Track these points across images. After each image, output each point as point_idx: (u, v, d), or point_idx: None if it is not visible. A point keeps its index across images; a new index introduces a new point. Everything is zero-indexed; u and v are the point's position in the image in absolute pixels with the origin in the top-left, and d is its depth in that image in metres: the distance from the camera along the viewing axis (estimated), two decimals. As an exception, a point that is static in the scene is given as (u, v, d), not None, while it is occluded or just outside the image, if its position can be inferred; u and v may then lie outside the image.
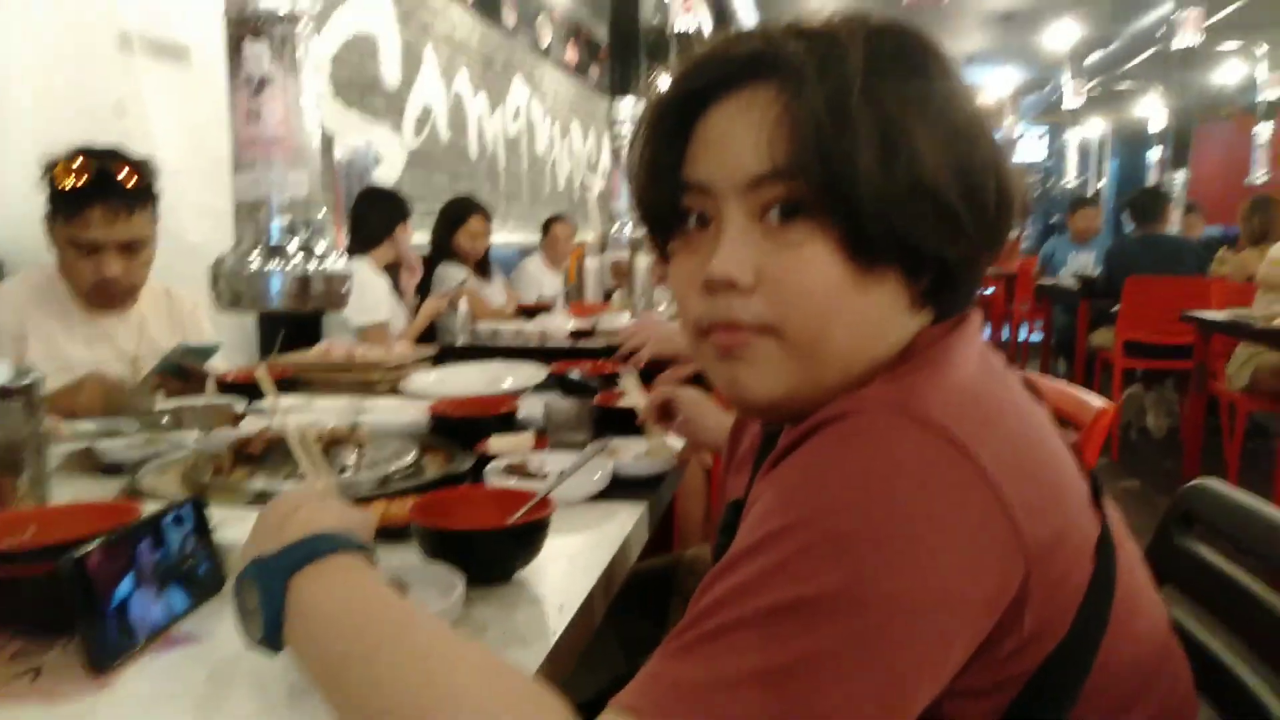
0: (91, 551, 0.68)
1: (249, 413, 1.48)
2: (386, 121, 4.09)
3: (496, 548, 0.84)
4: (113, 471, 1.24)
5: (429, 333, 3.31)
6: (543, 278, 4.63)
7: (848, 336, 0.58)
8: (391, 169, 4.13)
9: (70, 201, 1.60)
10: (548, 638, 0.76)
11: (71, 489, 1.16)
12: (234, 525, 0.85)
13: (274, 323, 2.77)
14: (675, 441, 1.30)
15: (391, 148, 4.15)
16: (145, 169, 1.67)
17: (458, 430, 1.33)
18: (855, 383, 0.58)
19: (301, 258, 1.07)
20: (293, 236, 1.08)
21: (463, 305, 2.91)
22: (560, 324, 3.01)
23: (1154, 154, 11.40)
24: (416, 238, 3.49)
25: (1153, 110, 11.15)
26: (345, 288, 1.15)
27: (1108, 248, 5.17)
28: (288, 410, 0.77)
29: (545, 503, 0.88)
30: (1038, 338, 6.56)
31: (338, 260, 1.12)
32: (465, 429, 1.33)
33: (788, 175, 0.56)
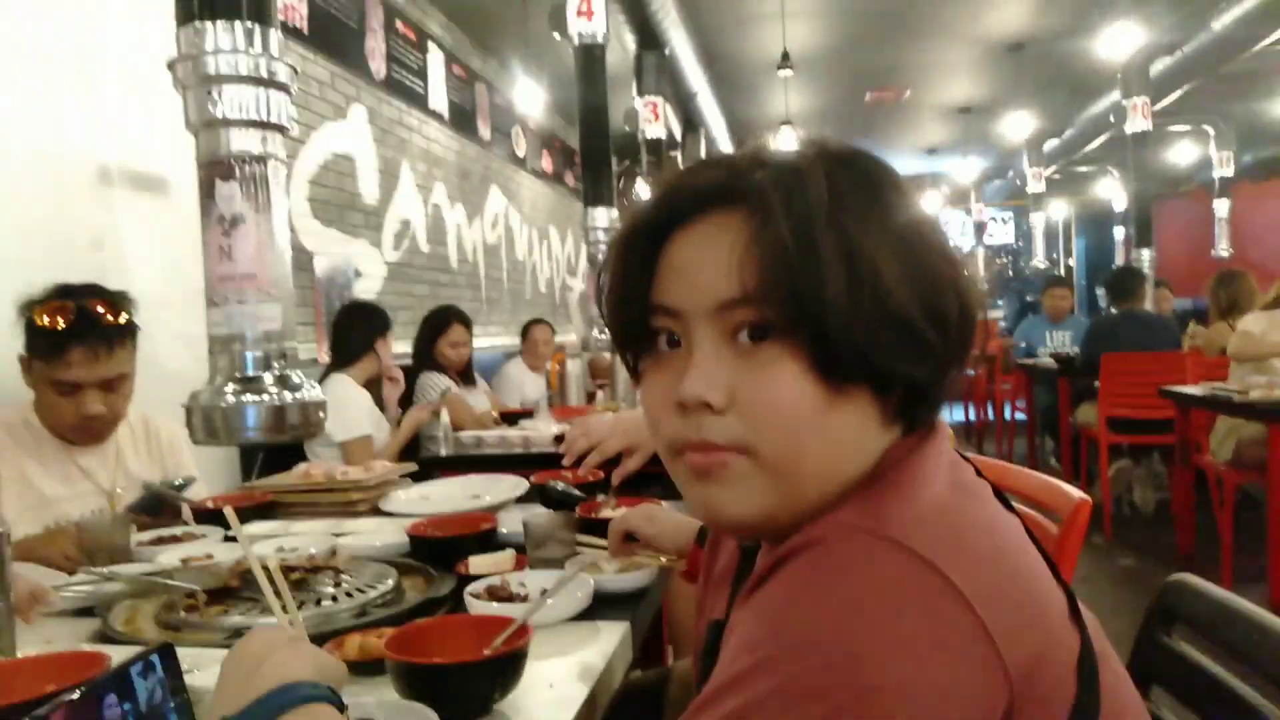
0: (56, 712, 0.66)
1: (226, 540, 1.46)
2: (366, 237, 4.17)
3: (472, 681, 0.82)
4: (85, 613, 1.21)
5: (413, 443, 3.30)
6: (524, 381, 4.65)
7: (822, 454, 0.58)
8: (372, 282, 4.19)
9: (50, 343, 1.59)
10: (529, 775, 0.74)
11: (42, 631, 1.13)
12: (209, 667, 0.83)
13: (254, 445, 2.76)
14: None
15: (371, 261, 4.21)
16: (124, 303, 1.68)
17: (437, 551, 1.32)
18: (829, 502, 0.58)
19: (276, 389, 1.08)
20: (267, 368, 1.09)
21: (444, 415, 2.91)
22: (544, 429, 3.01)
23: (1119, 232, 11.74)
24: (399, 347, 3.51)
25: (1113, 191, 11.53)
26: (321, 415, 1.16)
27: (1088, 325, 5.27)
28: (257, 541, 0.76)
29: (523, 630, 0.87)
30: (1022, 416, 6.59)
31: (313, 389, 1.12)
32: (445, 549, 1.31)
33: (757, 300, 0.57)
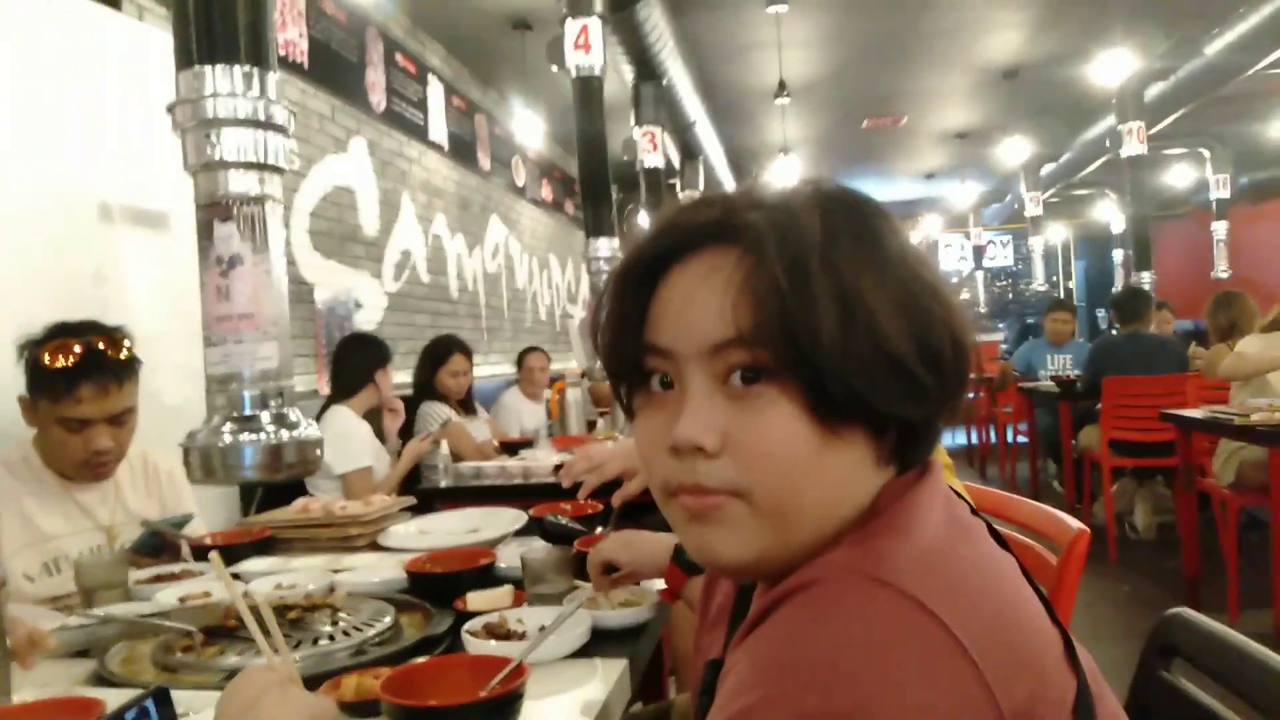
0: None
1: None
2: (366, 268, 4.20)
3: (470, 723, 0.82)
4: (81, 655, 1.21)
5: (413, 474, 3.30)
6: (522, 410, 4.64)
7: (817, 496, 0.58)
8: (373, 313, 4.21)
9: (60, 381, 1.60)
10: (525, 818, 0.73)
11: (38, 675, 1.12)
12: (206, 709, 0.83)
13: (252, 483, 2.76)
14: (656, 586, 1.29)
15: (372, 292, 4.23)
16: (126, 338, 1.69)
17: (435, 587, 1.32)
18: (825, 542, 0.58)
19: (274, 428, 1.08)
20: (264, 407, 1.09)
21: (444, 445, 2.91)
22: (544, 459, 3.01)
23: (1118, 255, 11.76)
24: (399, 378, 3.52)
25: (1111, 213, 11.58)
26: (318, 453, 1.16)
27: (1092, 347, 5.27)
28: (254, 578, 0.76)
29: (520, 670, 0.87)
30: (1024, 439, 6.58)
31: (309, 427, 1.13)
32: (443, 585, 1.31)
33: (751, 342, 0.57)
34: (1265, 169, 10.15)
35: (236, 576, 1.48)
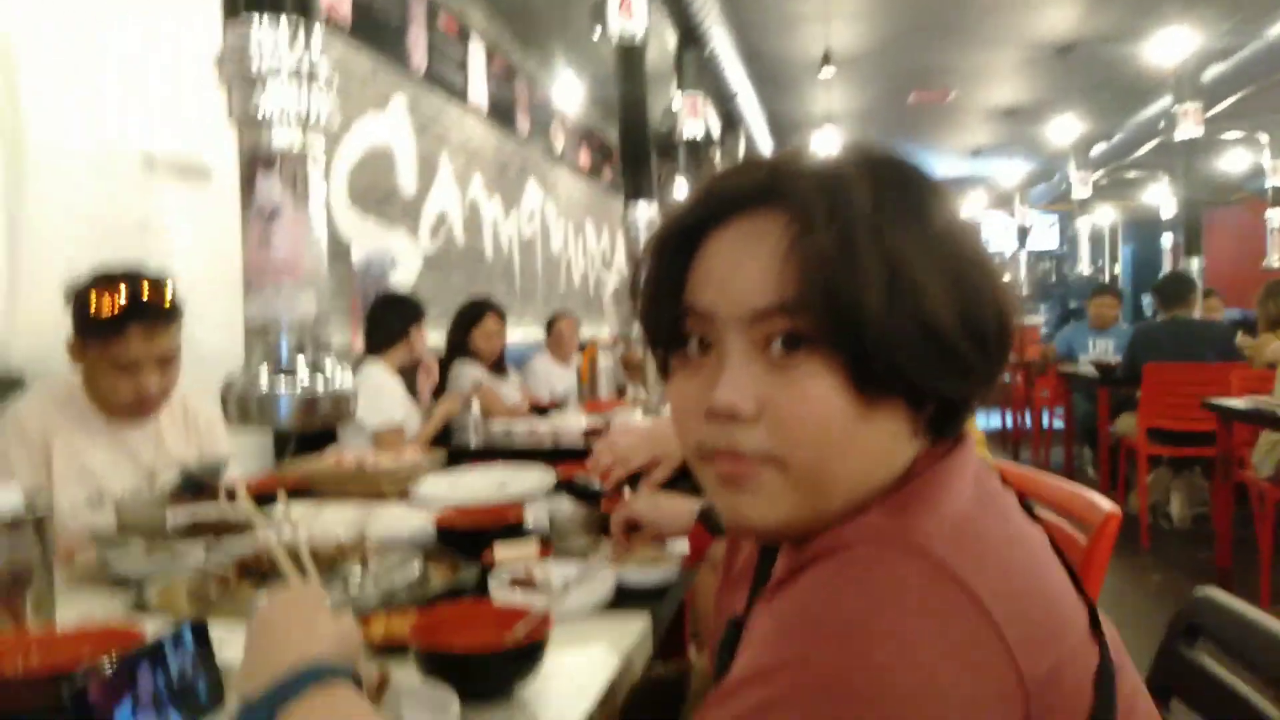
0: (92, 680, 0.68)
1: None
2: (403, 227, 4.22)
3: (493, 669, 0.83)
4: (120, 584, 1.25)
5: (444, 433, 3.34)
6: (551, 374, 4.66)
7: (851, 467, 0.58)
8: (408, 272, 4.24)
9: (109, 324, 1.65)
10: (544, 762, 0.75)
11: (79, 603, 1.17)
12: (238, 643, 0.85)
13: (284, 435, 2.81)
14: (680, 549, 1.30)
15: (408, 252, 4.26)
16: (170, 284, 1.73)
17: (463, 540, 1.34)
18: (855, 509, 0.58)
19: (309, 376, 1.10)
20: (301, 355, 1.11)
21: (475, 405, 2.94)
22: (573, 423, 3.04)
23: (1166, 240, 11.49)
24: (432, 338, 3.55)
25: (1162, 198, 11.30)
26: (351, 404, 1.18)
27: (1132, 332, 5.17)
28: (284, 523, 0.78)
29: (545, 620, 0.88)
30: (1061, 424, 6.50)
31: (345, 377, 1.15)
32: (471, 539, 1.33)
33: (794, 310, 0.56)
34: (1325, 156, 9.80)
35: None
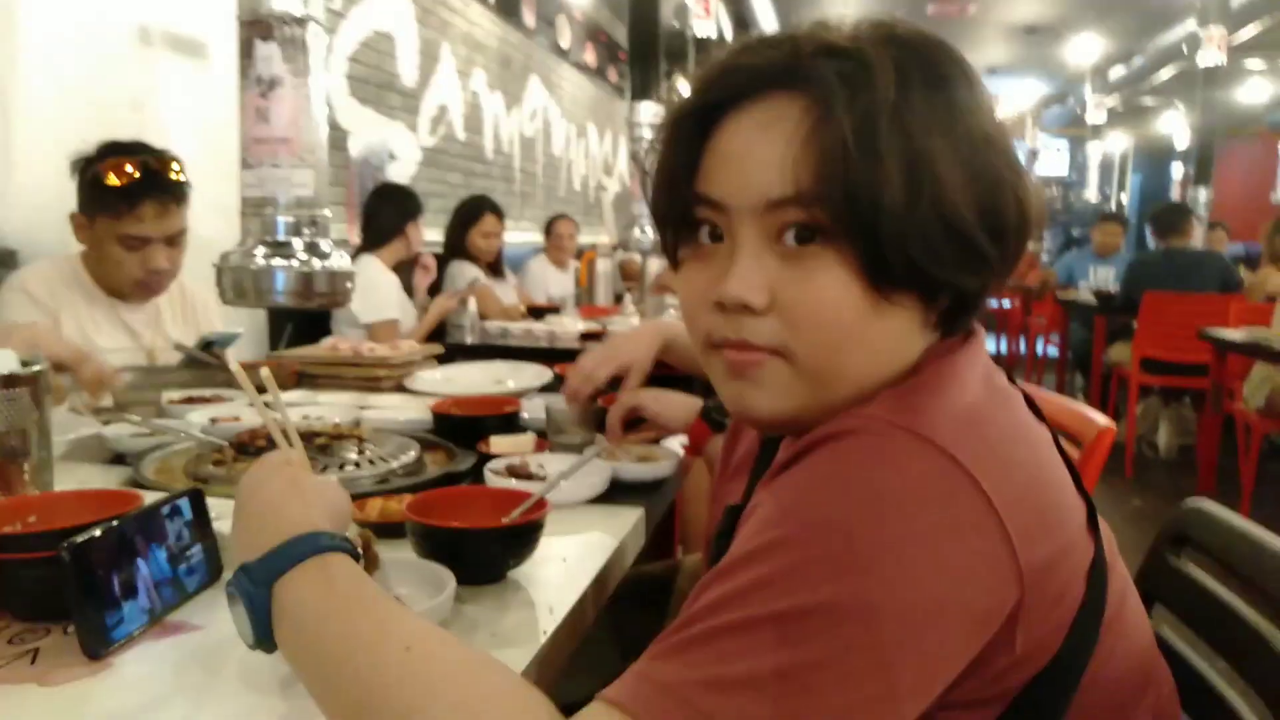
0: (91, 539, 0.69)
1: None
2: (402, 119, 4.12)
3: (489, 547, 0.84)
4: (117, 461, 1.26)
5: (439, 331, 3.33)
6: (548, 277, 4.63)
7: (861, 360, 0.57)
8: (406, 167, 4.16)
9: (122, 198, 1.62)
10: (537, 639, 0.77)
11: (76, 477, 1.17)
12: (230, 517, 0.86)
13: (283, 317, 2.79)
14: (676, 444, 1.31)
15: (406, 145, 4.17)
16: (177, 161, 1.70)
17: (459, 429, 1.34)
18: (862, 399, 0.57)
19: (306, 255, 1.08)
20: (298, 234, 1.09)
21: (471, 304, 2.93)
22: (570, 326, 3.03)
23: (1177, 170, 11.32)
24: (430, 236, 3.50)
25: (1176, 126, 11.09)
26: (349, 285, 1.16)
27: (1129, 262, 5.14)
28: (273, 401, 0.77)
29: (541, 504, 0.89)
30: (1055, 351, 6.53)
31: (342, 258, 1.13)
32: (467, 428, 1.34)
33: (809, 201, 0.55)
34: (1347, 90, 9.61)
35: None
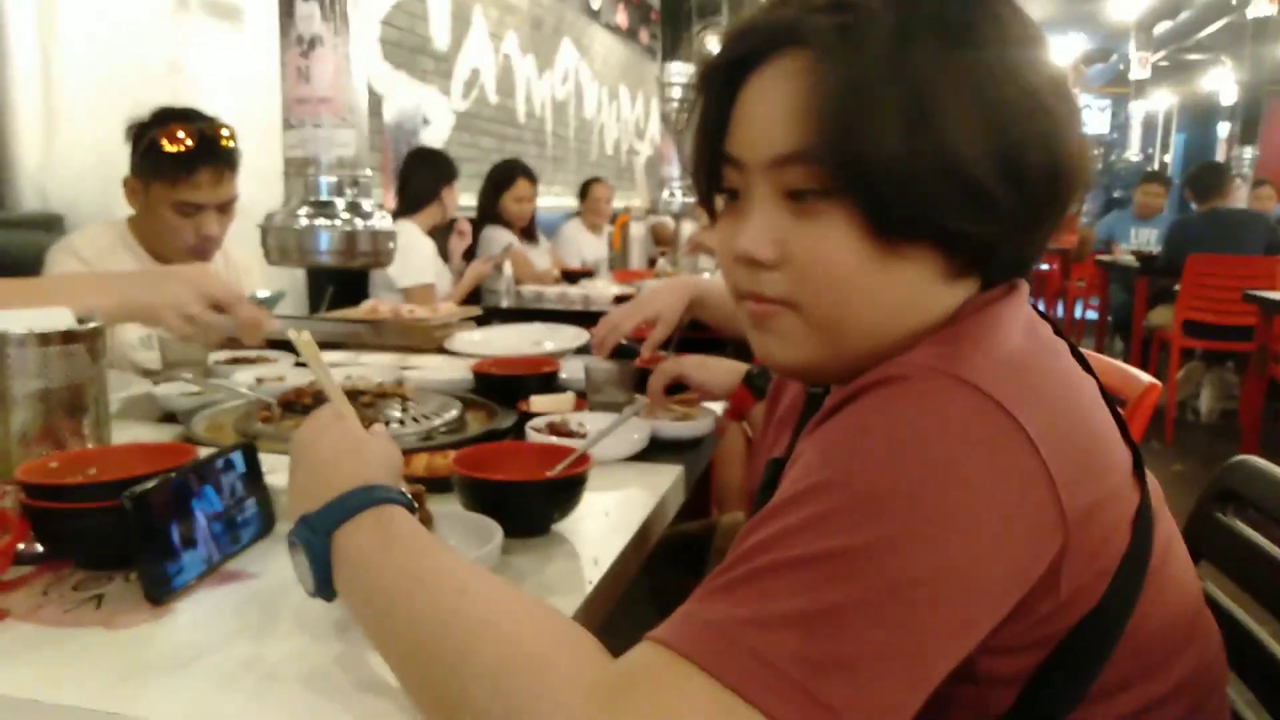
0: (152, 488, 0.71)
1: (297, 365, 1.52)
2: (435, 83, 4.11)
3: (535, 500, 0.86)
4: (168, 420, 1.29)
5: (474, 295, 3.35)
6: (582, 242, 4.63)
7: (869, 313, 0.58)
8: (439, 131, 4.16)
9: (180, 164, 1.64)
10: (582, 589, 0.78)
11: (130, 434, 1.20)
12: (282, 471, 0.88)
13: (322, 281, 2.82)
14: (713, 406, 1.31)
15: (439, 110, 4.17)
16: (227, 128, 1.71)
17: (500, 388, 1.36)
18: (895, 349, 0.58)
19: (349, 215, 1.10)
20: (340, 194, 1.10)
21: (507, 268, 2.94)
22: (603, 289, 3.04)
23: (1223, 129, 10.99)
24: (463, 201, 3.51)
25: (1223, 83, 10.74)
26: (391, 245, 1.18)
27: (1170, 225, 5.02)
28: (318, 365, 0.79)
29: (584, 458, 0.90)
30: (1094, 315, 6.41)
31: (384, 218, 1.14)
32: (507, 387, 1.35)
33: (810, 158, 0.56)
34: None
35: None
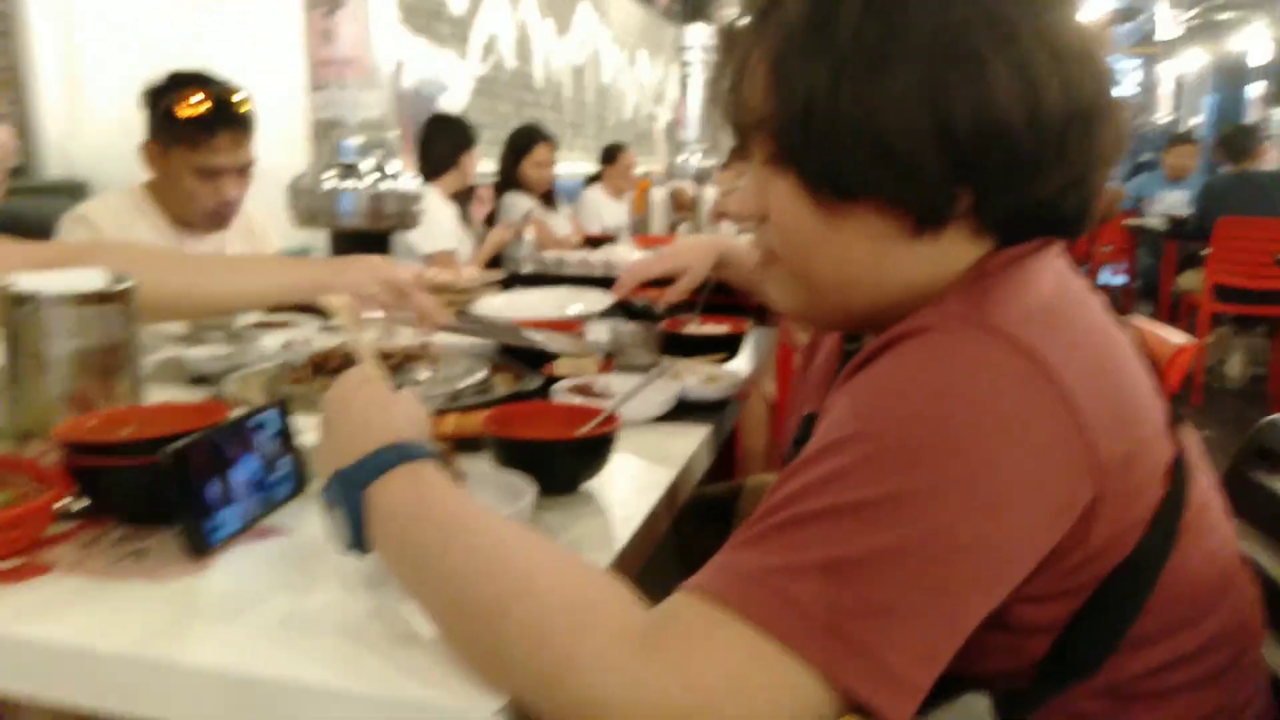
0: (190, 445, 0.72)
1: (324, 330, 1.53)
2: (453, 48, 4.09)
3: (565, 458, 0.86)
4: (199, 382, 1.30)
5: (495, 262, 3.35)
6: (603, 207, 4.61)
7: (835, 269, 0.62)
8: (458, 97, 4.14)
9: (199, 129, 1.65)
10: (613, 545, 0.79)
11: (161, 396, 1.22)
12: (313, 432, 0.89)
13: (344, 245, 2.84)
14: (739, 368, 1.31)
15: (458, 75, 4.15)
16: (248, 93, 1.72)
17: (525, 351, 1.36)
18: (911, 303, 0.59)
19: (375, 177, 1.10)
20: (366, 156, 1.10)
21: (528, 234, 2.94)
22: (625, 254, 3.02)
23: (1254, 89, 10.75)
24: (482, 167, 3.51)
25: (1255, 42, 10.48)
26: (417, 208, 1.18)
27: (1201, 187, 4.93)
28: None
29: (612, 418, 0.90)
30: (1120, 280, 6.33)
31: (410, 180, 1.14)
32: (533, 350, 1.35)
33: (760, 125, 0.61)
34: None
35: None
